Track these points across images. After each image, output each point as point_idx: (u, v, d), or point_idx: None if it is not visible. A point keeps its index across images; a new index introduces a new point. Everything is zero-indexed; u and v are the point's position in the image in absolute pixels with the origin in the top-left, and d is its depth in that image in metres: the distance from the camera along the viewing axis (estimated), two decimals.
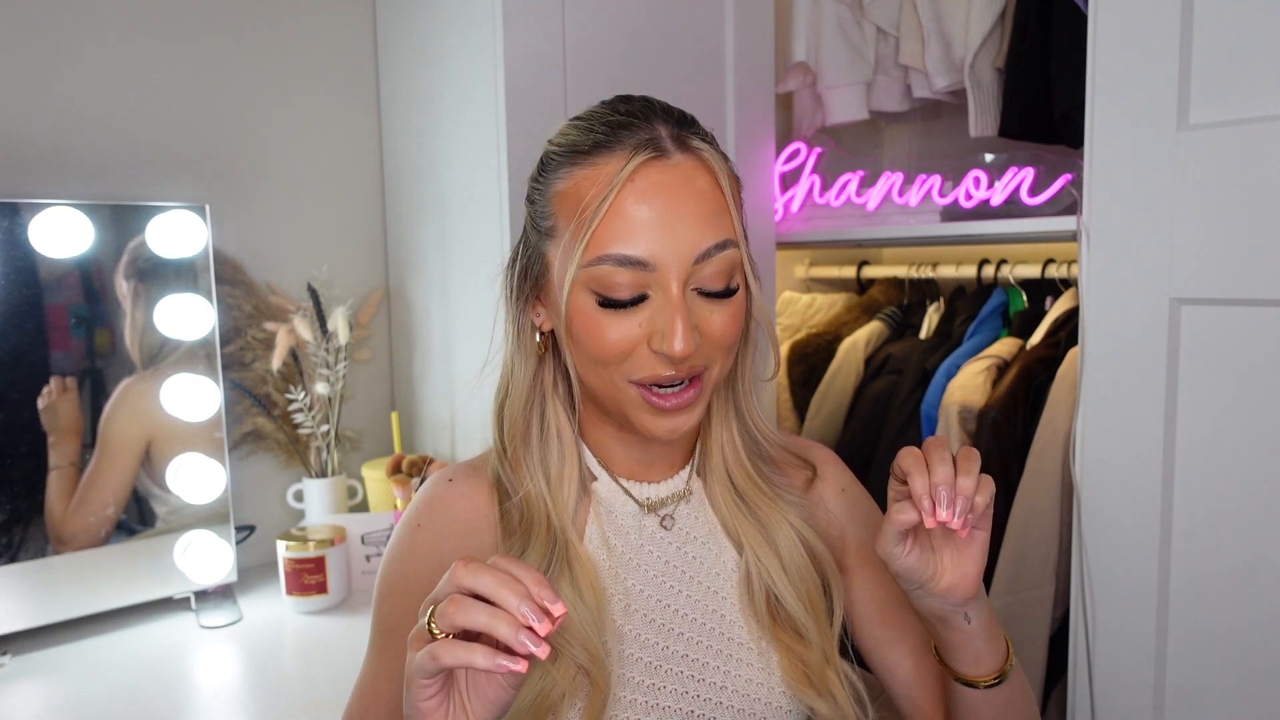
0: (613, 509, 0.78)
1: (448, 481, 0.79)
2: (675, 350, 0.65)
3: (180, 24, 1.40)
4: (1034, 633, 1.37)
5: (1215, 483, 1.03)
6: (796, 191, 1.86)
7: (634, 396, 0.69)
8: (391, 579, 0.76)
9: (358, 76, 1.59)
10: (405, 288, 1.59)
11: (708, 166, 0.69)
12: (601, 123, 0.69)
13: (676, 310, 0.66)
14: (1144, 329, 1.07)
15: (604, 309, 0.67)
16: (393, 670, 0.74)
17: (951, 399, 1.47)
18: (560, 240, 0.69)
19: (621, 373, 0.69)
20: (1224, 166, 0.99)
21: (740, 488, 0.79)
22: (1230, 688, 1.03)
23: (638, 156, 0.66)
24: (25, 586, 1.18)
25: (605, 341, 0.68)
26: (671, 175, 0.67)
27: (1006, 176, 1.54)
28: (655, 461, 0.79)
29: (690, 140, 0.69)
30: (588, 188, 0.67)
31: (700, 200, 0.67)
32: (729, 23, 1.57)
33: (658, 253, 0.66)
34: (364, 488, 1.56)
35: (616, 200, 0.66)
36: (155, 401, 1.27)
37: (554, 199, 0.70)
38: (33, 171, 1.28)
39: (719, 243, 0.68)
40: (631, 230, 0.65)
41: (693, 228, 0.66)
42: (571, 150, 0.69)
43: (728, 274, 0.69)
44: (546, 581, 0.55)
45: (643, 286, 0.67)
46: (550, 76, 1.33)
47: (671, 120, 0.70)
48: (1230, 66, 0.98)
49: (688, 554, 0.78)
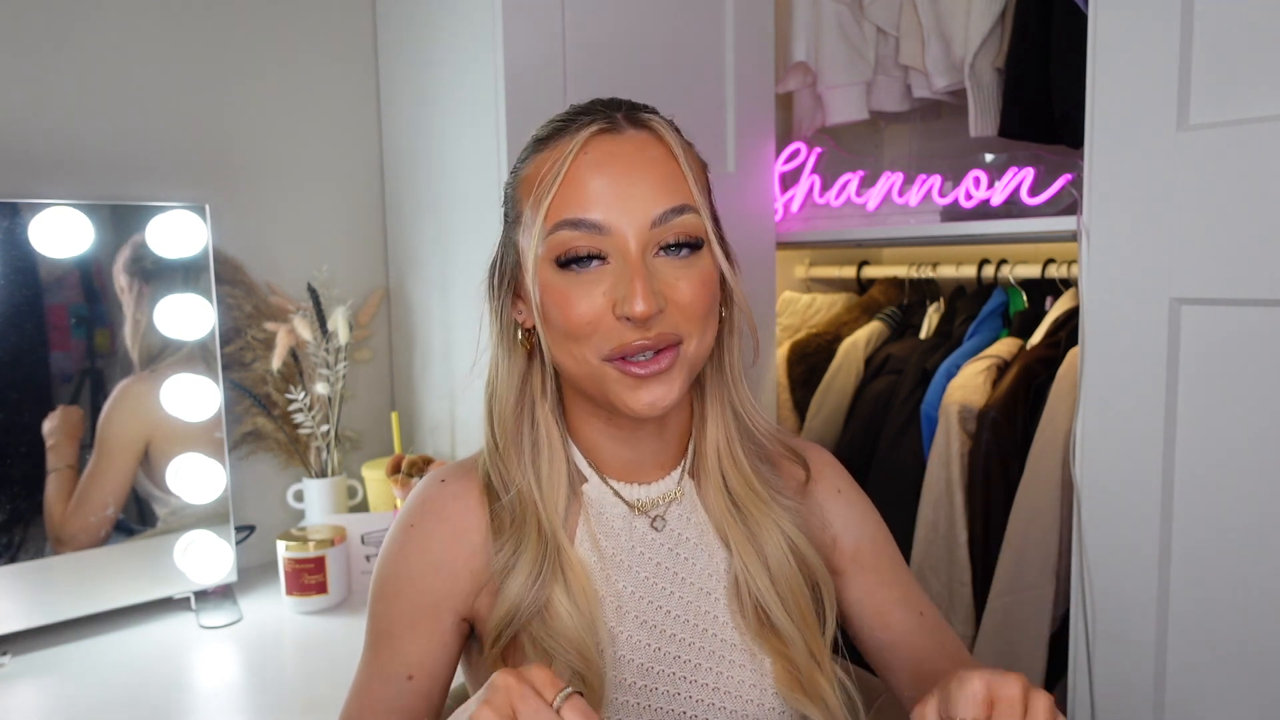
0: (602, 510, 0.77)
1: (440, 482, 0.78)
2: (636, 309, 0.65)
3: (180, 24, 1.40)
4: (1034, 633, 1.37)
5: (1215, 482, 1.03)
6: (796, 191, 1.86)
7: (611, 373, 0.69)
8: (385, 581, 0.76)
9: (358, 77, 1.59)
10: (405, 288, 1.59)
11: (659, 138, 0.70)
12: (562, 115, 0.72)
13: (635, 271, 0.66)
14: (1144, 329, 1.07)
15: (565, 271, 0.68)
16: (387, 673, 0.74)
17: (951, 399, 1.47)
18: (524, 219, 0.71)
19: (593, 348, 0.69)
20: (1224, 166, 0.99)
21: (734, 490, 0.78)
22: (1230, 688, 1.03)
23: (588, 129, 0.69)
24: (25, 586, 1.18)
25: (571, 310, 0.68)
26: (623, 145, 0.69)
27: (1006, 176, 1.54)
28: (645, 462, 0.78)
29: (642, 116, 0.71)
30: (545, 165, 0.69)
31: (653, 166, 0.69)
32: (729, 23, 1.57)
33: (612, 216, 0.67)
34: (364, 488, 1.56)
35: (570, 171, 0.68)
36: (154, 402, 1.27)
37: (518, 186, 0.73)
38: (33, 171, 1.28)
39: (675, 206, 0.68)
40: (585, 196, 0.67)
41: (646, 191, 0.68)
42: (535, 141, 0.73)
43: (690, 236, 0.70)
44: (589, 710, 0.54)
45: (600, 249, 0.68)
46: (550, 76, 1.33)
47: (630, 105, 0.72)
48: (1230, 66, 0.98)
49: (679, 555, 0.78)
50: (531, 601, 0.71)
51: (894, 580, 0.83)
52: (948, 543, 1.47)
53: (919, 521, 1.51)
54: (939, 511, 1.48)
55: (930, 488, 1.49)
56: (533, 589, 0.71)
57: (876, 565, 0.83)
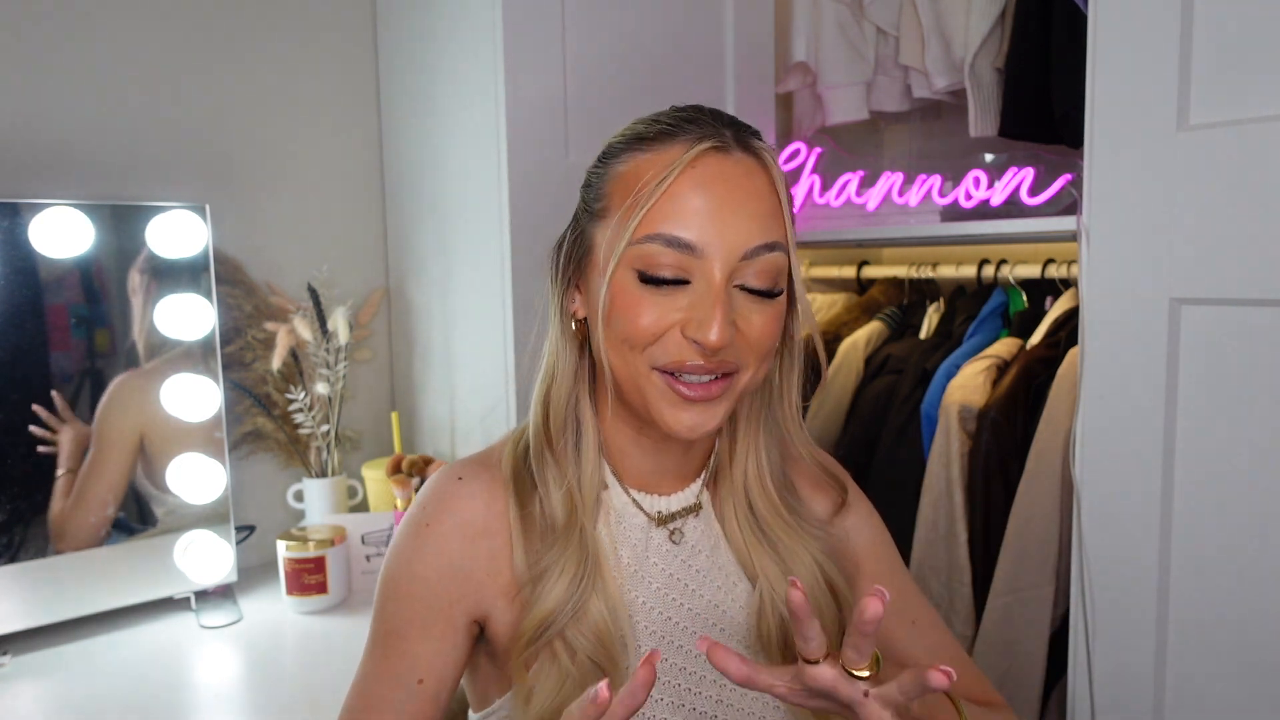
0: (622, 519, 0.76)
1: (457, 480, 0.76)
2: (710, 339, 0.64)
3: (181, 25, 1.40)
4: (1034, 632, 1.37)
5: (1215, 482, 1.03)
6: (796, 191, 1.86)
7: (658, 384, 0.68)
8: (397, 580, 0.75)
9: (358, 77, 1.59)
10: (405, 288, 1.59)
11: (766, 169, 0.69)
12: (669, 117, 0.70)
13: (717, 299, 0.65)
14: (1144, 329, 1.07)
15: (644, 285, 0.67)
16: (396, 673, 0.73)
17: (951, 399, 1.47)
18: (611, 220, 0.69)
19: (646, 358, 0.68)
20: (1224, 166, 0.99)
21: (760, 514, 0.77)
22: (1230, 687, 1.03)
23: (701, 144, 0.67)
24: (25, 586, 1.18)
25: (640, 320, 0.67)
26: (732, 168, 0.67)
27: (1006, 176, 1.54)
28: (668, 472, 0.78)
29: (752, 141, 0.69)
30: (646, 170, 0.67)
31: (757, 197, 0.67)
32: (729, 23, 1.57)
33: (707, 239, 0.65)
34: (364, 488, 1.56)
35: (674, 183, 0.66)
36: (148, 396, 1.27)
37: (611, 180, 0.70)
38: (33, 171, 1.28)
39: (768, 242, 0.67)
40: (684, 213, 0.65)
41: (745, 222, 0.66)
42: (635, 138, 0.70)
43: (773, 276, 0.68)
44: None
45: (686, 270, 0.66)
46: (551, 76, 1.34)
47: (737, 125, 0.70)
48: (1230, 66, 0.98)
49: (691, 567, 0.77)
50: (572, 606, 0.70)
51: (888, 586, 0.82)
52: (948, 543, 1.47)
53: (919, 521, 1.51)
54: (939, 511, 1.48)
55: (930, 488, 1.49)
56: (575, 594, 0.70)
57: (875, 571, 0.83)
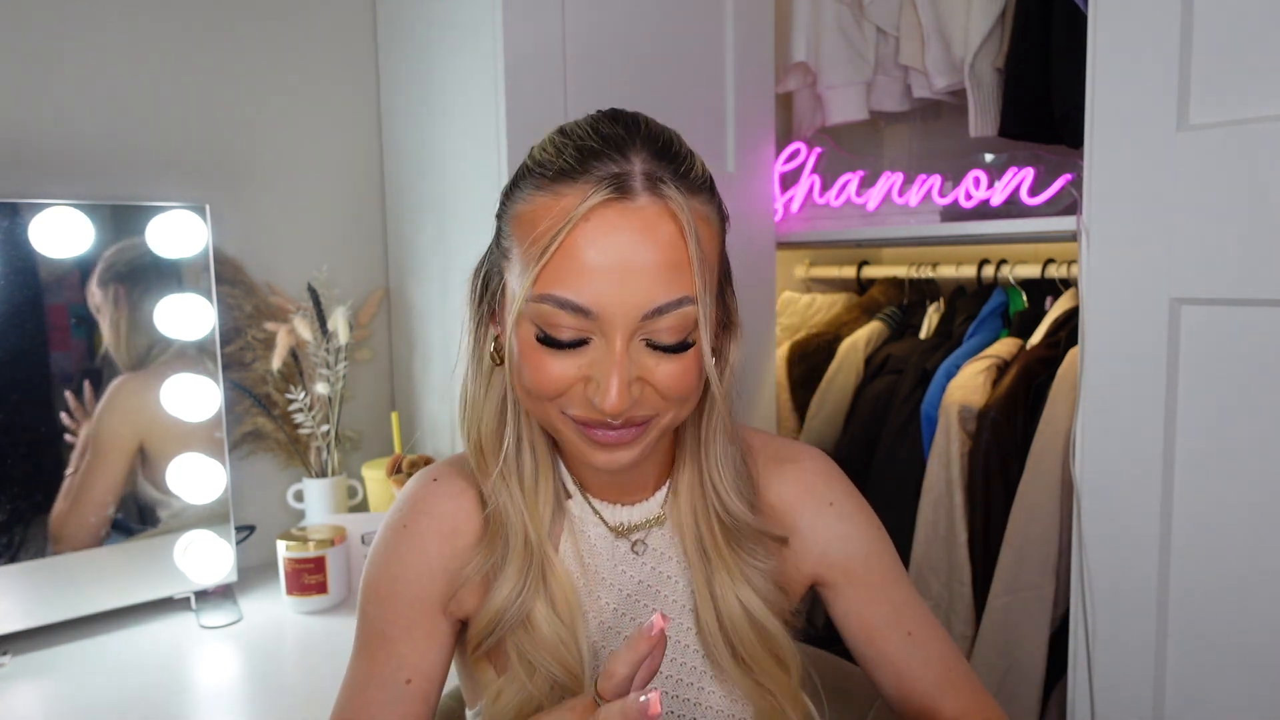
0: (585, 529, 0.76)
1: (432, 481, 0.77)
2: (607, 406, 0.62)
3: (180, 24, 1.40)
4: (1034, 632, 1.37)
5: (1215, 482, 1.03)
6: (796, 191, 1.86)
7: (571, 428, 0.66)
8: (378, 582, 0.75)
9: (358, 76, 1.59)
10: (405, 288, 1.59)
11: (673, 215, 0.62)
12: (575, 148, 0.64)
13: (615, 366, 0.62)
14: (1144, 329, 1.07)
15: (543, 345, 0.64)
16: (383, 676, 0.73)
17: (951, 399, 1.47)
18: (514, 264, 0.66)
19: (556, 405, 0.66)
20: (1224, 166, 0.99)
21: (701, 533, 0.75)
22: (1230, 687, 1.03)
23: (596, 195, 0.60)
24: (25, 586, 1.18)
25: (541, 377, 0.64)
26: (632, 220, 0.61)
27: (1006, 176, 1.54)
28: (626, 484, 0.76)
29: (661, 184, 0.62)
30: (543, 217, 0.62)
31: (658, 250, 0.61)
32: (729, 23, 1.57)
33: (603, 303, 0.61)
34: (364, 488, 1.56)
35: (569, 238, 0.61)
36: (148, 400, 1.27)
37: (513, 220, 0.66)
38: (33, 171, 1.28)
39: (674, 300, 0.62)
40: (579, 274, 0.61)
41: (645, 282, 0.61)
42: (539, 171, 0.65)
43: (682, 330, 0.63)
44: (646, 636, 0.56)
45: (585, 331, 0.63)
46: (550, 76, 1.34)
47: (652, 152, 0.64)
48: (1230, 66, 0.98)
49: (661, 573, 0.77)
50: (515, 612, 0.71)
51: (883, 597, 0.80)
52: (948, 543, 1.47)
53: (919, 521, 1.51)
54: (939, 511, 1.48)
55: (930, 488, 1.49)
56: (516, 600, 0.71)
57: (866, 581, 0.80)
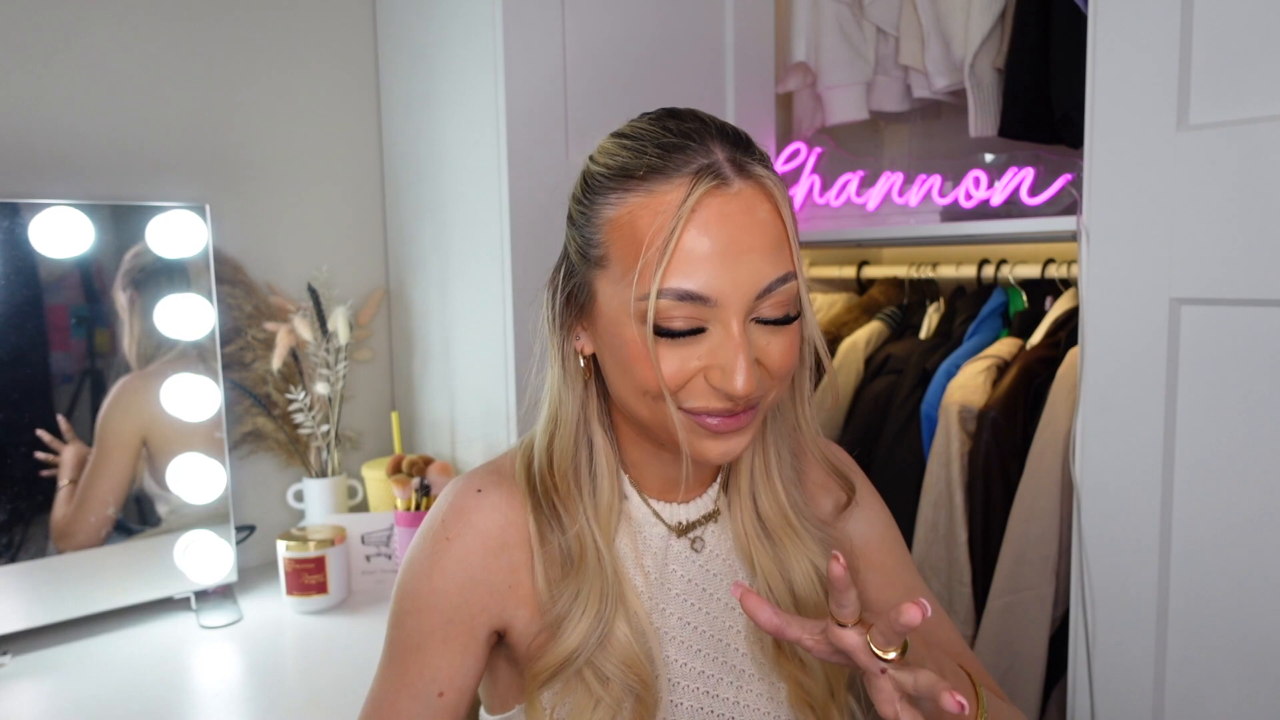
0: (643, 529, 0.76)
1: (476, 492, 0.75)
2: (738, 389, 0.62)
3: (180, 24, 1.40)
4: (1034, 633, 1.37)
5: (1215, 482, 1.03)
6: (796, 191, 1.86)
7: (686, 422, 0.67)
8: (418, 594, 0.73)
9: (358, 76, 1.59)
10: (405, 288, 1.59)
11: (769, 194, 0.65)
12: (654, 144, 0.64)
13: (739, 348, 0.63)
14: (1144, 329, 1.07)
15: (661, 339, 0.64)
16: (415, 687, 0.72)
17: (951, 399, 1.47)
18: (613, 271, 0.66)
19: (675, 400, 0.66)
20: (1224, 166, 0.99)
21: (764, 514, 0.77)
22: (1230, 688, 1.03)
23: (699, 186, 0.62)
24: (25, 586, 1.18)
25: (663, 372, 0.64)
26: (734, 205, 0.63)
27: (1006, 176, 1.54)
28: (688, 480, 0.77)
29: (750, 166, 0.65)
30: (644, 217, 0.63)
31: (763, 232, 0.63)
32: (729, 23, 1.57)
33: (719, 288, 0.62)
34: (364, 488, 1.56)
35: (679, 234, 0.62)
36: (151, 399, 1.27)
37: (605, 226, 0.66)
38: (33, 171, 1.28)
39: (781, 276, 0.64)
40: (692, 264, 0.62)
41: (756, 262, 0.63)
42: (622, 174, 0.65)
43: (787, 305, 0.66)
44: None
45: (701, 320, 0.64)
46: (550, 76, 1.34)
47: (728, 141, 0.66)
48: (1230, 66, 0.98)
49: (710, 572, 0.78)
50: (596, 639, 0.70)
51: (898, 580, 0.83)
52: (948, 543, 1.47)
53: (919, 521, 1.51)
54: (939, 511, 1.48)
55: (930, 487, 1.49)
56: (597, 630, 0.70)
57: (882, 565, 0.83)
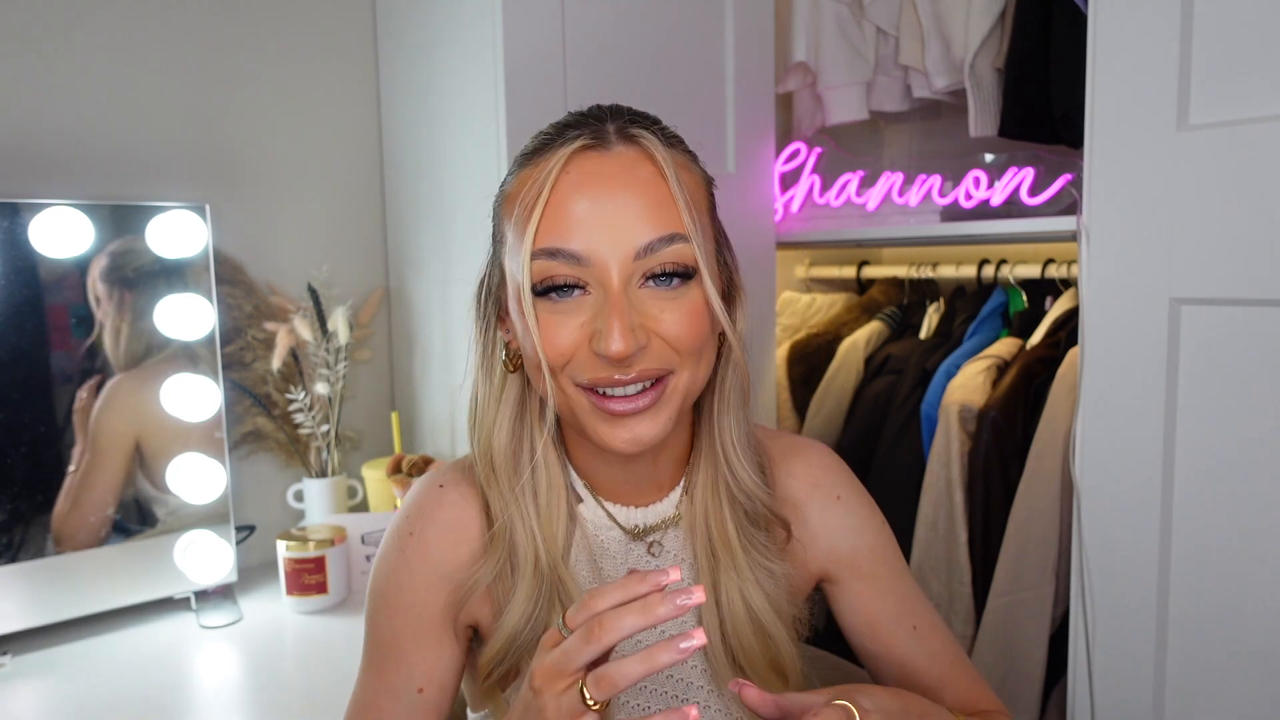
0: (599, 533, 0.75)
1: (438, 488, 0.76)
2: (612, 350, 0.61)
3: (181, 24, 1.40)
4: (1034, 632, 1.37)
5: (1215, 482, 1.03)
6: (796, 191, 1.86)
7: (586, 404, 0.66)
8: (386, 590, 0.74)
9: (358, 76, 1.59)
10: (405, 288, 1.59)
11: (650, 156, 0.64)
12: (552, 126, 0.67)
13: (614, 306, 0.61)
14: (1144, 329, 1.07)
15: (542, 299, 0.64)
16: (394, 686, 0.72)
17: (951, 399, 1.47)
18: (509, 244, 0.67)
19: (567, 377, 0.65)
20: (1224, 166, 0.99)
21: (712, 534, 0.74)
22: (1230, 688, 1.03)
23: (571, 144, 0.63)
24: (25, 586, 1.18)
25: (547, 344, 0.64)
26: (609, 164, 0.63)
27: (1006, 176, 1.54)
28: (641, 484, 0.75)
29: (634, 132, 0.64)
30: (526, 185, 0.65)
31: (641, 189, 0.63)
32: (729, 23, 1.57)
33: (593, 246, 0.62)
34: (364, 488, 1.56)
35: (551, 193, 0.62)
36: (144, 399, 1.27)
37: (501, 203, 0.69)
38: (33, 171, 1.28)
39: (664, 235, 0.62)
40: (565, 222, 0.62)
41: (632, 218, 0.62)
42: (522, 154, 0.68)
43: (680, 265, 0.64)
44: (646, 576, 0.54)
45: (580, 279, 0.63)
46: (550, 76, 1.34)
47: (622, 119, 0.66)
48: (1230, 66, 0.98)
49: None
50: (529, 634, 0.70)
51: (889, 591, 0.80)
52: (948, 543, 1.47)
53: (919, 521, 1.51)
54: (939, 511, 1.48)
55: (930, 487, 1.49)
56: (528, 624, 0.70)
57: (873, 575, 0.80)
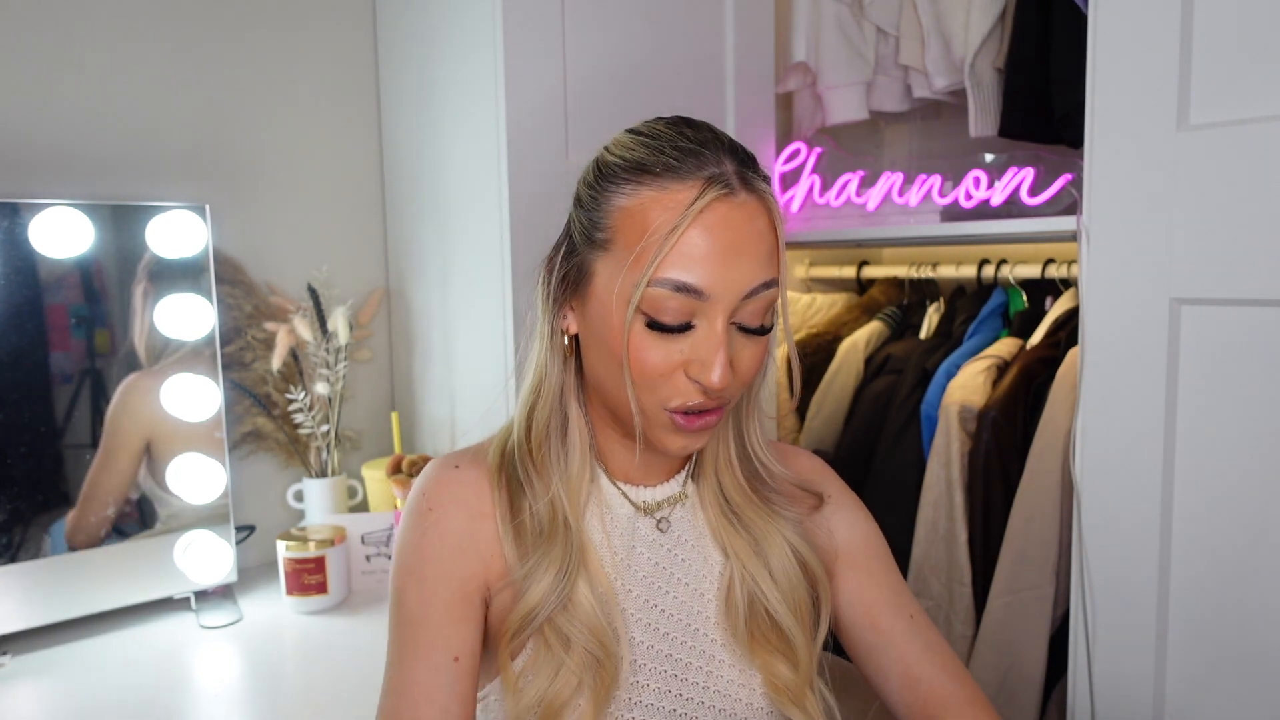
0: (611, 508, 0.79)
1: (453, 467, 0.79)
2: (713, 382, 0.68)
3: (180, 25, 1.40)
4: (1034, 633, 1.37)
5: (1215, 482, 1.03)
6: (796, 191, 1.86)
7: (664, 419, 0.72)
8: (412, 566, 0.76)
9: (358, 76, 1.59)
10: (405, 288, 1.59)
11: (768, 210, 0.71)
12: (671, 146, 0.70)
13: (719, 343, 0.69)
14: (1144, 329, 1.07)
15: (650, 330, 0.69)
16: (431, 659, 0.73)
17: (951, 399, 1.47)
18: (615, 255, 0.70)
19: (656, 397, 0.71)
20: (1224, 166, 0.99)
21: (730, 498, 0.81)
22: (1230, 688, 1.03)
23: (710, 191, 0.68)
24: (25, 586, 1.18)
25: (646, 364, 0.70)
26: (738, 213, 0.69)
27: (1006, 176, 1.54)
28: (653, 467, 0.81)
29: (755, 181, 0.71)
30: (654, 210, 0.68)
31: (759, 240, 0.70)
32: (729, 23, 1.57)
33: (713, 284, 0.68)
34: (364, 488, 1.56)
35: (686, 228, 0.68)
36: (155, 400, 1.27)
37: (615, 213, 0.71)
38: (33, 171, 1.28)
39: (766, 280, 0.70)
40: (693, 259, 0.67)
41: (748, 265, 0.69)
42: (638, 167, 0.70)
43: (764, 312, 0.72)
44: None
45: (691, 314, 0.69)
46: (551, 77, 1.34)
47: (736, 157, 0.71)
48: (1230, 66, 0.98)
49: (677, 556, 0.80)
50: (558, 597, 0.73)
51: (884, 582, 0.84)
52: (948, 543, 1.47)
53: (919, 521, 1.51)
54: (939, 511, 1.48)
55: (930, 488, 1.49)
56: (558, 588, 0.73)
57: (869, 566, 0.84)
